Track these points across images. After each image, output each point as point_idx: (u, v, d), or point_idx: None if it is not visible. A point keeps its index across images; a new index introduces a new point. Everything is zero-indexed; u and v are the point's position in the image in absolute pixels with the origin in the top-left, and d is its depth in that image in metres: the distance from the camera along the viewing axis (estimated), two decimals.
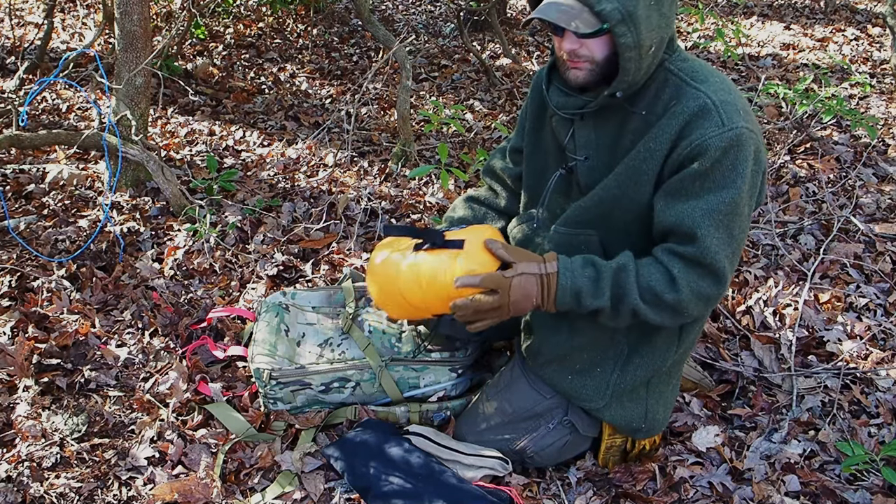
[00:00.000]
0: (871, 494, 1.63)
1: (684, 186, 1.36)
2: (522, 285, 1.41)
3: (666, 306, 1.39)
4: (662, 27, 1.33)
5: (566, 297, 1.41)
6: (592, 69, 1.37)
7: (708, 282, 1.38)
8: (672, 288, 1.38)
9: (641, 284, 1.39)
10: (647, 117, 1.41)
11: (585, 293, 1.40)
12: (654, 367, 1.58)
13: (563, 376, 1.63)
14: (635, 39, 1.29)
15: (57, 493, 1.64)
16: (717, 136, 1.32)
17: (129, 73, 2.68)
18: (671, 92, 1.39)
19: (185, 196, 2.72)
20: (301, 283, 2.43)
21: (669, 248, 1.40)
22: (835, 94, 3.08)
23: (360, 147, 3.41)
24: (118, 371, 2.01)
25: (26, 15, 4.83)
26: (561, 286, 1.41)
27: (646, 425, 1.64)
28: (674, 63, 1.41)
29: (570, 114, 1.48)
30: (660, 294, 1.38)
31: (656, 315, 1.40)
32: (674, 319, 1.42)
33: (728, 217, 1.36)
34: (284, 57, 4.59)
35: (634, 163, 1.42)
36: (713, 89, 1.36)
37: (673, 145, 1.37)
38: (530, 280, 1.41)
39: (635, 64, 1.32)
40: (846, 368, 1.99)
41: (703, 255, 1.36)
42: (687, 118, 1.35)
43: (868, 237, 2.56)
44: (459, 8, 4.53)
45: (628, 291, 1.39)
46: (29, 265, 2.38)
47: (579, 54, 1.36)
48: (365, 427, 1.76)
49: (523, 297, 1.42)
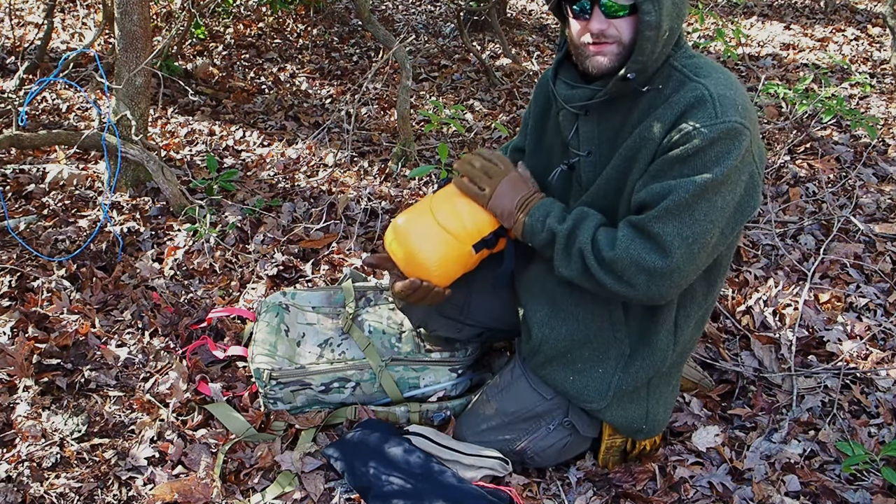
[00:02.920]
0: (871, 494, 1.63)
1: (663, 169, 1.37)
2: (512, 184, 1.54)
3: (605, 263, 1.41)
4: (675, 15, 1.36)
5: (537, 213, 1.49)
6: (619, 52, 1.38)
7: (651, 254, 1.37)
8: (611, 247, 1.40)
9: (596, 237, 1.44)
10: (649, 111, 1.41)
11: (553, 216, 1.48)
12: (654, 367, 1.58)
13: (564, 376, 1.62)
14: (658, 18, 1.32)
15: (57, 493, 1.64)
16: (707, 126, 1.31)
17: (129, 73, 2.68)
18: (673, 86, 1.40)
19: (185, 196, 2.72)
20: (301, 283, 2.43)
21: (627, 217, 1.43)
22: (835, 94, 3.08)
23: (360, 147, 3.41)
24: (118, 371, 2.01)
25: (26, 15, 4.83)
26: (539, 203, 1.51)
27: (647, 426, 1.64)
28: (679, 59, 1.41)
29: (576, 107, 1.49)
30: (602, 250, 1.41)
31: (601, 272, 1.42)
32: (618, 285, 1.42)
33: (694, 198, 1.33)
34: (284, 57, 4.59)
35: (630, 152, 1.43)
36: (713, 83, 1.36)
37: (666, 133, 1.37)
38: (519, 184, 1.55)
39: (652, 44, 1.34)
40: (846, 368, 1.99)
41: (651, 224, 1.36)
42: (683, 108, 1.35)
43: (868, 237, 2.56)
44: (459, 8, 4.53)
45: (582, 231, 1.44)
46: (29, 265, 2.38)
47: (608, 35, 1.37)
48: (365, 427, 1.76)
49: (505, 192, 1.53)
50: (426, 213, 1.59)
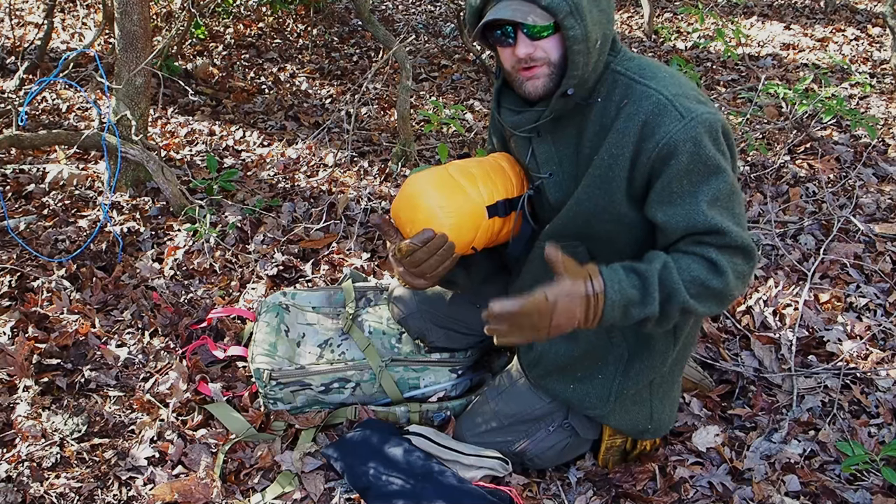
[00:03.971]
0: (871, 494, 1.62)
1: (673, 189, 1.35)
2: (568, 307, 1.26)
3: (712, 293, 1.34)
4: (604, 23, 1.34)
5: (614, 313, 1.30)
6: (551, 73, 1.36)
7: (741, 259, 1.37)
8: (716, 273, 1.33)
9: (685, 279, 1.32)
10: (602, 121, 1.40)
11: (634, 304, 1.30)
12: (654, 368, 1.57)
13: (564, 385, 1.62)
14: (583, 32, 1.29)
15: (57, 493, 1.64)
16: (682, 129, 1.31)
17: (129, 73, 2.68)
18: (621, 92, 1.38)
19: (185, 196, 2.72)
20: (301, 283, 2.43)
21: (695, 239, 1.36)
22: (835, 94, 3.08)
23: (360, 147, 3.41)
24: (118, 371, 2.01)
25: (26, 15, 4.83)
26: (609, 302, 1.28)
27: (652, 426, 1.64)
28: (620, 63, 1.40)
29: (526, 131, 1.47)
30: (706, 282, 1.33)
31: (703, 306, 1.35)
32: (720, 306, 1.38)
33: (727, 200, 1.35)
34: (284, 57, 4.59)
35: (600, 171, 1.40)
36: (662, 84, 1.35)
37: (637, 149, 1.35)
38: (575, 301, 1.27)
39: (584, 57, 1.32)
40: (846, 368, 1.99)
41: (732, 240, 1.34)
42: (644, 118, 1.34)
43: (868, 237, 2.56)
44: (459, 8, 4.53)
45: (676, 290, 1.31)
46: (29, 265, 2.38)
47: (535, 57, 1.34)
48: (365, 427, 1.76)
49: (567, 320, 1.28)
50: (442, 170, 1.52)
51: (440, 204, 1.45)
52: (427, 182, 1.49)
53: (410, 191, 1.50)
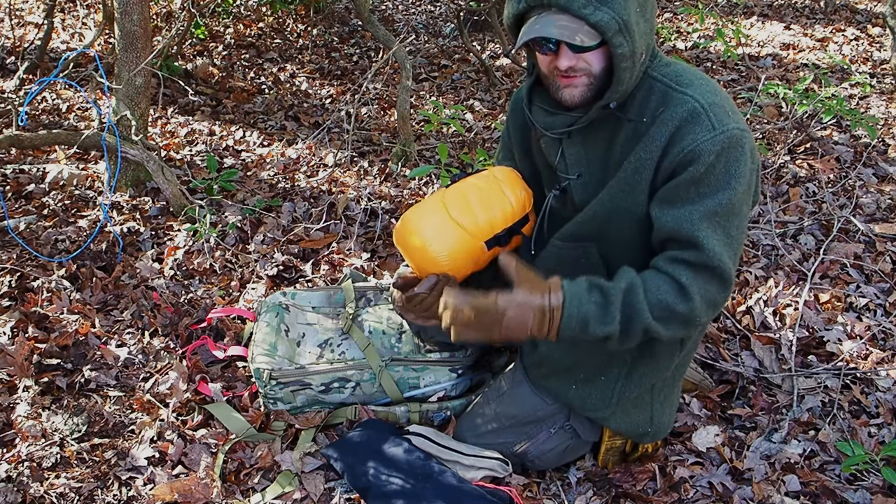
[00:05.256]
0: (871, 494, 1.63)
1: (679, 193, 1.34)
2: (518, 317, 1.31)
3: (678, 318, 1.33)
4: (648, 33, 1.32)
5: (572, 327, 1.32)
6: (590, 83, 1.34)
7: (715, 286, 1.34)
8: (683, 298, 1.32)
9: (651, 301, 1.32)
10: (636, 126, 1.38)
11: (593, 320, 1.31)
12: (657, 373, 1.57)
13: (566, 387, 1.62)
14: (631, 48, 1.27)
15: (57, 493, 1.64)
16: (710, 139, 1.29)
17: (129, 73, 2.68)
18: (657, 98, 1.36)
19: (185, 196, 2.72)
20: (301, 283, 2.43)
21: (672, 255, 1.35)
22: (835, 94, 3.08)
23: (360, 147, 3.41)
24: (118, 371, 2.01)
25: (26, 15, 4.83)
26: (567, 315, 1.31)
27: (652, 429, 1.64)
28: (657, 69, 1.38)
29: (558, 133, 1.44)
30: (671, 306, 1.31)
31: (667, 329, 1.34)
32: (685, 330, 1.37)
33: (725, 218, 1.33)
34: (284, 57, 4.60)
35: (626, 174, 1.39)
36: (700, 92, 1.33)
37: (664, 153, 1.34)
38: (527, 313, 1.31)
39: (629, 73, 1.30)
40: (846, 368, 1.99)
41: (708, 258, 1.32)
42: (677, 124, 1.32)
43: (868, 237, 2.56)
44: (459, 8, 4.53)
45: (639, 311, 1.31)
46: (29, 265, 2.38)
47: (577, 69, 1.31)
48: (365, 427, 1.76)
49: (517, 328, 1.32)
50: (438, 207, 1.54)
51: (438, 250, 1.52)
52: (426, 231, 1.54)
53: (410, 235, 1.56)
